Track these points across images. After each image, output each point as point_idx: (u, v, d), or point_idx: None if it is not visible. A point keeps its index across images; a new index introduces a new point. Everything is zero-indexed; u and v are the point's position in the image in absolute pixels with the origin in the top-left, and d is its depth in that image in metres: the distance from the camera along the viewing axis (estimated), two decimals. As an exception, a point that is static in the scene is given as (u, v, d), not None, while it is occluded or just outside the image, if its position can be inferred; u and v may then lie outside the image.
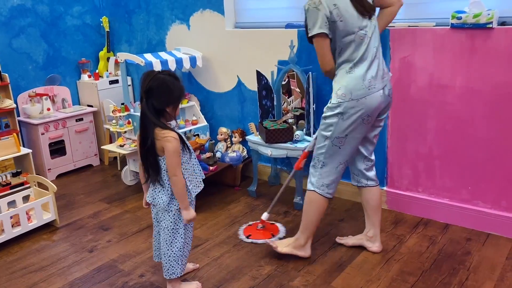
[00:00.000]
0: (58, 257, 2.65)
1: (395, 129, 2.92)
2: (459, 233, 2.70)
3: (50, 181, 2.98)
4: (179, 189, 2.01)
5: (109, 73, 4.31)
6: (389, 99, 2.31)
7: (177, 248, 2.14)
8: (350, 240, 2.64)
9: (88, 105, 4.29)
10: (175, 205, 2.06)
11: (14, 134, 3.07)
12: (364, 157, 2.45)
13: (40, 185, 3.11)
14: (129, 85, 4.41)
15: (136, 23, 4.19)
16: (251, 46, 3.46)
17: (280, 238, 2.73)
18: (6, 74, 3.62)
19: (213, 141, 3.59)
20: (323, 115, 2.29)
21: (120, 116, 3.46)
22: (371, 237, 2.56)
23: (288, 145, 3.03)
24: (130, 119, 3.51)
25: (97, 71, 4.35)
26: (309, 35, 2.18)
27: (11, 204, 2.98)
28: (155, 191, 2.07)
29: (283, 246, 2.50)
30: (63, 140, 3.96)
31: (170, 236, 2.11)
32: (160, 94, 1.91)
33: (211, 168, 3.28)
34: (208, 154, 3.29)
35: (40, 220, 2.93)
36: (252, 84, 3.51)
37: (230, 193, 3.46)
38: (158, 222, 2.16)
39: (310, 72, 2.97)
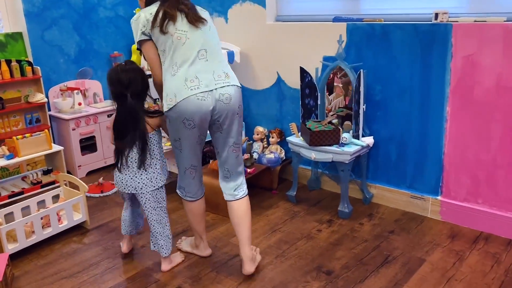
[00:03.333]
0: (90, 262, 2.51)
1: (453, 133, 2.66)
2: (525, 251, 2.44)
3: (80, 178, 2.84)
4: None
5: (142, 67, 4.15)
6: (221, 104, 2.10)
7: (168, 223, 2.35)
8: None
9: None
10: (160, 184, 2.25)
11: (46, 130, 2.94)
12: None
13: (71, 183, 2.98)
14: (161, 80, 4.24)
15: (171, 15, 4.00)
16: (293, 41, 3.24)
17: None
18: (38, 67, 3.49)
19: (251, 141, 3.40)
20: None
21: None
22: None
23: (334, 148, 2.80)
24: (164, 117, 3.33)
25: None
26: None
27: (41, 203, 2.85)
28: (137, 178, 2.20)
29: (187, 245, 2.58)
30: (94, 136, 3.82)
31: (160, 215, 2.30)
32: (139, 88, 2.14)
33: (249, 170, 3.08)
34: (246, 156, 3.09)
35: (71, 221, 2.79)
36: (293, 82, 3.29)
37: (267, 197, 3.26)
38: (143, 204, 2.29)
39: (361, 70, 2.74)
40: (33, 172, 3.09)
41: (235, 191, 2.28)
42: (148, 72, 2.38)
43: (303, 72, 3.01)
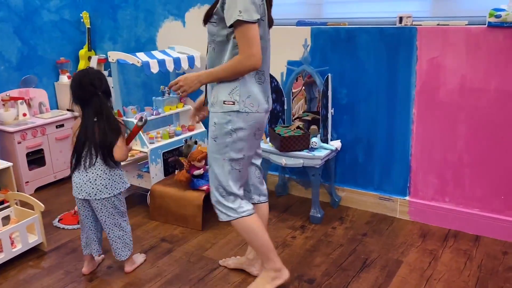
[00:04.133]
0: (52, 289, 2.29)
1: (420, 135, 2.72)
2: (493, 246, 2.53)
3: (29, 195, 2.60)
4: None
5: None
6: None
7: (128, 226, 2.33)
8: (231, 262, 2.41)
9: (68, 110, 3.87)
10: (117, 188, 2.22)
11: (-8, 145, 2.67)
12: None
13: (22, 202, 2.72)
14: (112, 87, 4.02)
15: (122, 19, 3.81)
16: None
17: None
18: (-23, 76, 3.18)
19: (217, 149, 3.29)
20: None
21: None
22: (251, 260, 2.31)
23: (304, 153, 2.77)
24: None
25: (73, 75, 3.93)
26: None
27: (-10, 226, 2.57)
28: (90, 183, 2.17)
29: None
30: (42, 149, 3.54)
31: (119, 219, 2.27)
32: (108, 87, 2.20)
33: (216, 179, 2.97)
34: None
35: (26, 244, 2.54)
36: (256, 87, 3.22)
37: (235, 205, 3.16)
38: (95, 212, 2.25)
39: (329, 74, 2.73)
40: (-22, 192, 2.79)
41: (265, 192, 2.22)
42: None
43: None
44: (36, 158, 3.54)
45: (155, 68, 3.04)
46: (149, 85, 3.85)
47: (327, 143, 2.84)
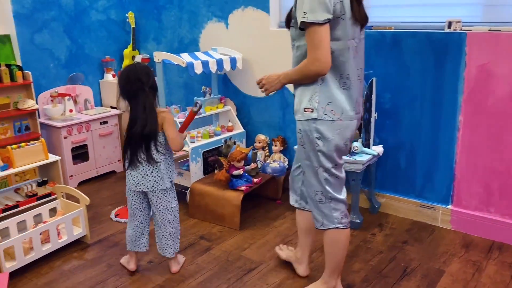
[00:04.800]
0: (95, 280, 2.35)
1: (465, 142, 2.65)
2: (541, 260, 2.44)
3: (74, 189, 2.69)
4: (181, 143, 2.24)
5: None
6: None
7: (178, 223, 2.36)
8: (283, 253, 2.45)
9: (111, 107, 3.98)
10: (170, 181, 2.26)
11: (43, 139, 2.76)
12: None
13: (66, 195, 2.81)
14: (155, 86, 4.11)
15: (167, 20, 3.89)
16: (298, 48, 3.18)
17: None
18: (29, 72, 3.31)
19: (256, 150, 3.31)
20: None
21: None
22: (298, 258, 2.35)
23: (345, 157, 2.74)
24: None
25: (121, 70, 4.04)
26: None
27: (37, 217, 2.68)
28: (147, 176, 2.20)
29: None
30: (86, 145, 3.65)
31: (172, 214, 2.30)
32: (155, 82, 2.21)
33: (255, 180, 2.99)
34: (253, 165, 3.00)
35: (71, 236, 2.63)
36: (297, 89, 3.22)
37: (272, 207, 3.18)
38: (150, 206, 2.31)
39: (373, 78, 2.70)
40: (27, 184, 2.90)
41: None
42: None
43: (311, 80, 2.95)
44: (80, 153, 3.66)
45: (198, 69, 3.09)
46: (190, 86, 3.91)
47: (369, 147, 2.81)
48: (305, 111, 1.83)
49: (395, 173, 2.97)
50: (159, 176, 2.21)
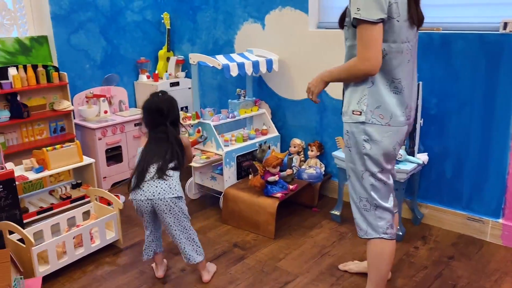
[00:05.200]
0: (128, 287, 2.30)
1: (520, 152, 2.47)
2: None
3: (109, 192, 2.65)
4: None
5: (169, 74, 3.97)
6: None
7: (193, 230, 2.26)
8: (354, 266, 2.34)
9: (136, 124, 3.95)
10: (181, 191, 2.18)
11: (77, 141, 2.75)
12: None
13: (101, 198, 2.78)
14: (189, 88, 4.06)
15: (202, 21, 3.83)
16: (337, 49, 3.04)
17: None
18: (65, 73, 3.31)
19: (291, 155, 3.20)
20: None
21: (190, 124, 3.09)
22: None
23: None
24: (200, 128, 3.14)
25: (156, 71, 4.02)
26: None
27: (70, 220, 2.66)
28: (160, 185, 2.13)
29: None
30: (120, 146, 3.63)
31: (186, 221, 2.21)
32: (177, 116, 2.26)
33: (291, 187, 2.88)
34: (289, 171, 2.89)
35: (104, 240, 2.59)
36: (336, 92, 3.09)
37: (308, 215, 3.06)
38: (163, 215, 2.18)
39: (419, 82, 2.54)
40: (62, 186, 2.89)
41: None
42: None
43: (351, 83, 2.82)
44: (114, 155, 3.65)
45: (234, 71, 3.01)
46: (224, 88, 3.83)
47: (413, 155, 2.65)
48: (353, 113, 1.75)
49: (440, 182, 2.80)
50: (167, 185, 2.15)
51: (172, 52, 4.10)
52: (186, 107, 3.99)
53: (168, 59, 4.04)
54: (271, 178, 2.80)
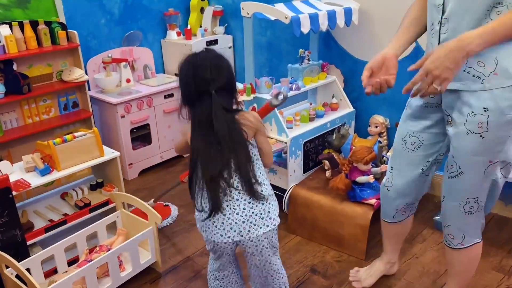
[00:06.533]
0: None
1: None
2: None
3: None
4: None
5: (204, 30, 3.14)
6: None
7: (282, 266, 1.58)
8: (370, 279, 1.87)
9: (176, 74, 3.16)
10: (278, 219, 1.46)
11: (95, 128, 2.01)
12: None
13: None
14: (229, 47, 3.24)
15: (247, -42, 2.94)
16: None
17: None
18: (75, 32, 2.51)
19: (381, 143, 2.42)
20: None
21: (242, 101, 2.31)
22: (389, 261, 1.88)
23: None
24: (255, 105, 2.36)
25: (188, 26, 3.18)
26: None
27: (90, 238, 1.97)
28: (252, 211, 1.37)
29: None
30: (148, 124, 2.89)
31: (276, 259, 1.52)
32: (231, 80, 1.39)
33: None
34: (383, 167, 2.11)
35: (137, 265, 1.91)
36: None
37: (399, 219, 2.31)
38: (251, 257, 1.47)
39: None
40: (77, 188, 2.17)
41: None
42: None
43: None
44: (140, 135, 2.92)
45: (306, 27, 2.18)
46: (276, 47, 3.00)
47: None
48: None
49: None
50: (257, 215, 1.39)
51: (207, 1, 3.24)
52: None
53: (202, 10, 3.20)
54: (361, 179, 2.04)
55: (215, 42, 3.13)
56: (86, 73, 2.70)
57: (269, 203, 1.42)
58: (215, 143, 1.32)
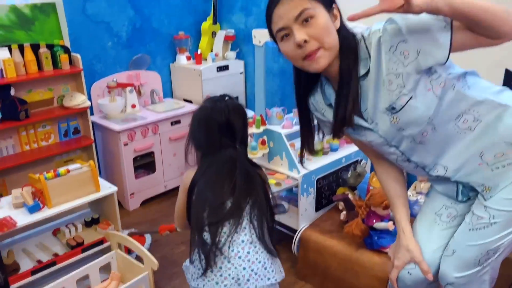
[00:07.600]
0: None
1: None
2: None
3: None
4: None
5: (215, 55, 3.02)
6: None
7: None
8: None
9: (185, 100, 3.04)
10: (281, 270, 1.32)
11: (92, 162, 1.86)
12: None
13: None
14: (240, 73, 3.11)
15: (261, -18, 2.83)
16: None
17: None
18: (78, 56, 2.39)
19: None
20: None
21: (252, 133, 2.15)
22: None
23: None
24: (265, 137, 2.20)
25: (198, 51, 3.06)
26: None
27: (81, 282, 1.80)
28: (255, 259, 1.23)
29: None
30: (152, 152, 2.74)
31: None
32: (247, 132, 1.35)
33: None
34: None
35: (130, 314, 1.73)
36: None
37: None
38: None
39: None
40: (70, 224, 2.01)
41: None
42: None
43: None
44: (144, 163, 2.77)
45: (322, 57, 2.03)
46: (289, 74, 2.85)
47: None
48: None
49: None
50: (269, 260, 1.26)
51: (219, 25, 3.12)
52: (238, 100, 3.06)
53: (214, 34, 3.08)
54: (380, 225, 1.84)
55: (226, 67, 3.00)
56: (90, 98, 2.59)
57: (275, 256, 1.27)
58: (227, 192, 1.23)
